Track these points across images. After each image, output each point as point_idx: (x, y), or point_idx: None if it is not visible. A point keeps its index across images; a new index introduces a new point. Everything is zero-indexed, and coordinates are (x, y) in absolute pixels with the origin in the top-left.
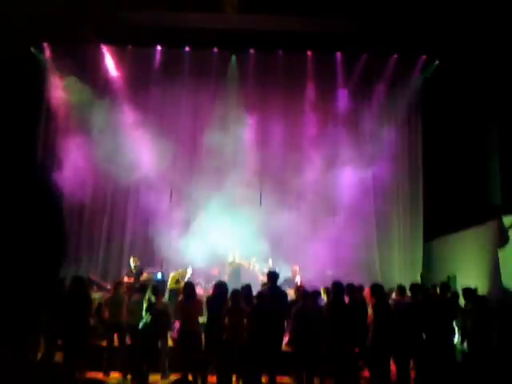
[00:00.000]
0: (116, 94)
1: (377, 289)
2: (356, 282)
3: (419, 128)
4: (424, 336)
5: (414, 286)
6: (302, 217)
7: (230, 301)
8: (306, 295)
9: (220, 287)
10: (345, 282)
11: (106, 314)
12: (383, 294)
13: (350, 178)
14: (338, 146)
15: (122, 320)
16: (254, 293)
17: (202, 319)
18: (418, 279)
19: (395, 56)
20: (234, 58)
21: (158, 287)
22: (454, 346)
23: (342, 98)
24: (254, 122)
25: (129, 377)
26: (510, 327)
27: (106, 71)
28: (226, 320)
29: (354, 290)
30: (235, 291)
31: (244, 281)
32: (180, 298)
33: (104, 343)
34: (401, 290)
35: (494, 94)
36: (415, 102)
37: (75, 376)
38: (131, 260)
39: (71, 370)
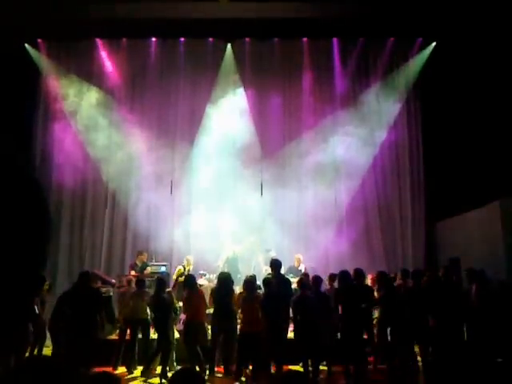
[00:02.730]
0: (112, 87)
1: (382, 276)
2: (360, 266)
3: (418, 110)
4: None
5: (415, 272)
6: (303, 204)
7: (244, 290)
8: (304, 284)
9: (224, 278)
10: (349, 267)
11: (121, 309)
12: (388, 281)
13: (350, 166)
14: (337, 130)
15: (132, 314)
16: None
17: (208, 310)
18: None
19: (392, 39)
20: (229, 47)
21: (164, 280)
22: (463, 329)
23: (340, 82)
24: (252, 110)
25: (137, 370)
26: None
27: (102, 64)
28: (241, 310)
29: (360, 276)
30: (248, 280)
31: (244, 270)
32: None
33: (114, 337)
34: (404, 273)
35: (492, 71)
36: (414, 83)
37: (81, 370)
38: (137, 254)
39: (78, 364)
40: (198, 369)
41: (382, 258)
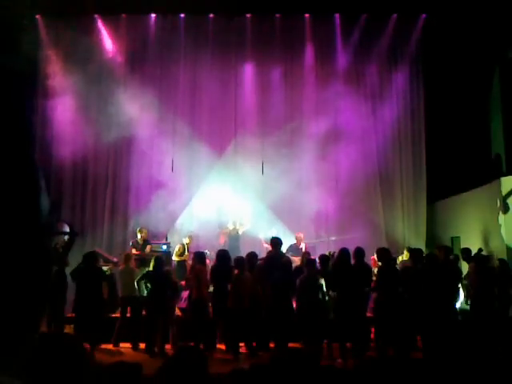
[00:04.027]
0: (111, 64)
1: (383, 253)
2: (361, 245)
3: (421, 89)
4: (428, 300)
5: (414, 251)
6: (304, 183)
7: (235, 268)
8: (310, 263)
9: (222, 256)
10: (350, 246)
11: (120, 288)
12: (389, 258)
13: (352, 141)
14: (338, 104)
15: (132, 292)
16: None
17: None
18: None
19: (395, 16)
20: (230, 23)
21: (163, 258)
22: (456, 308)
23: (342, 58)
24: (254, 86)
25: (141, 347)
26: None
27: (101, 41)
28: (230, 287)
29: (361, 255)
30: (239, 258)
31: (246, 248)
32: (192, 265)
33: (116, 315)
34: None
35: (496, 52)
36: (416, 61)
37: (87, 348)
38: (138, 232)
39: (83, 342)
40: (202, 346)
41: (381, 232)
